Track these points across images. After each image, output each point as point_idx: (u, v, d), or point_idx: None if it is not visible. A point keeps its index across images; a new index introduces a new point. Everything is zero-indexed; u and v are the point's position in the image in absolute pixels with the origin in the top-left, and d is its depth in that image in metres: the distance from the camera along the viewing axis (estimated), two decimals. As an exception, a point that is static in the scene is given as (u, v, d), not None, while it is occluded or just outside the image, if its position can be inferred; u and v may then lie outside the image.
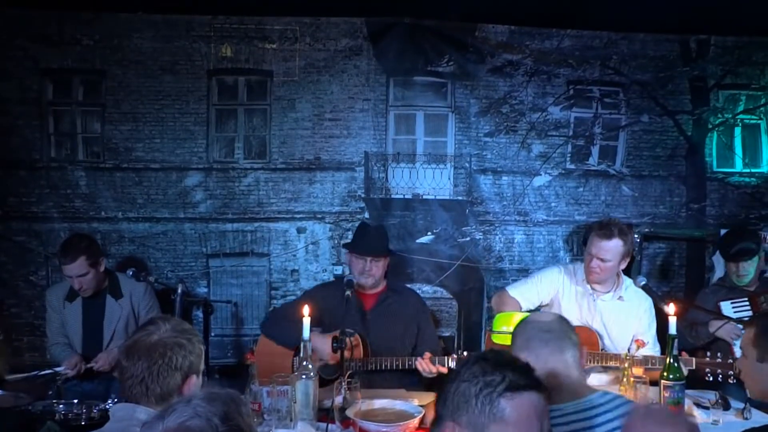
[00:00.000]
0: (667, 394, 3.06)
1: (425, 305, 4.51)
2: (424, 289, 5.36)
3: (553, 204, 5.46)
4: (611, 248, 3.83)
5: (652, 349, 3.91)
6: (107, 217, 5.28)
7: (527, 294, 4.11)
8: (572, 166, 5.49)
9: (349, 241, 4.51)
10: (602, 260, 3.85)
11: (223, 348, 5.31)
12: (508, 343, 3.47)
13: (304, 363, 3.17)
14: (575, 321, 3.95)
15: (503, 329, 3.53)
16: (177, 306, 3.99)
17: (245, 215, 5.33)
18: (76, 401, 3.40)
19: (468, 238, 5.38)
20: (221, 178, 5.33)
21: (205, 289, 5.33)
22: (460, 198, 5.39)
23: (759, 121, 5.63)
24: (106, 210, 5.28)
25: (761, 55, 5.50)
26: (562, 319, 2.48)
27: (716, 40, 5.50)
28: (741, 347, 2.73)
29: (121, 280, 4.51)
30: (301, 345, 3.22)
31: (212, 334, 5.12)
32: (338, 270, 5.27)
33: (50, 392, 3.73)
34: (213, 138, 5.33)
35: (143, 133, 5.27)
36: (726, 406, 3.46)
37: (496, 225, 5.43)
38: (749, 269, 4.48)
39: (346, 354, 3.51)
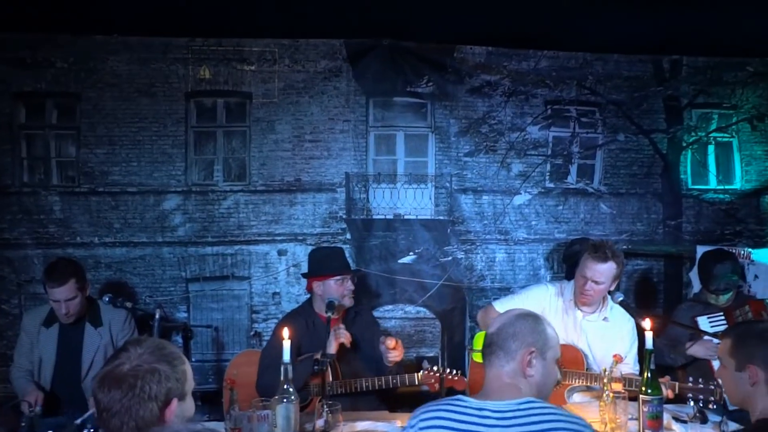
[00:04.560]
0: (645, 409, 3.07)
1: (378, 323, 4.52)
2: (407, 310, 5.36)
3: (533, 222, 5.51)
4: (605, 271, 3.84)
5: (632, 368, 3.93)
6: (83, 243, 5.19)
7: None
8: (551, 185, 5.56)
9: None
10: (596, 283, 3.86)
11: (204, 373, 5.23)
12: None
13: (285, 386, 3.12)
14: (560, 340, 3.96)
15: (484, 347, 3.51)
16: (155, 332, 3.92)
17: (225, 238, 5.29)
18: (50, 432, 3.29)
19: (450, 258, 5.39)
20: (200, 201, 5.28)
21: (185, 314, 5.25)
22: (441, 218, 5.41)
23: (731, 139, 5.77)
24: (81, 235, 5.19)
25: (731, 75, 5.65)
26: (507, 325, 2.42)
27: (688, 60, 5.64)
28: (719, 357, 2.75)
29: (101, 308, 4.41)
30: (282, 368, 3.17)
31: (192, 359, 5.04)
32: (320, 292, 5.24)
33: (23, 424, 3.61)
34: (192, 160, 5.28)
35: (120, 156, 5.21)
36: (704, 420, 3.48)
37: (478, 244, 5.45)
38: (729, 296, 4.55)
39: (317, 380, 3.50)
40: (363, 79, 5.32)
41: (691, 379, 3.61)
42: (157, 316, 3.93)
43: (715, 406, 3.42)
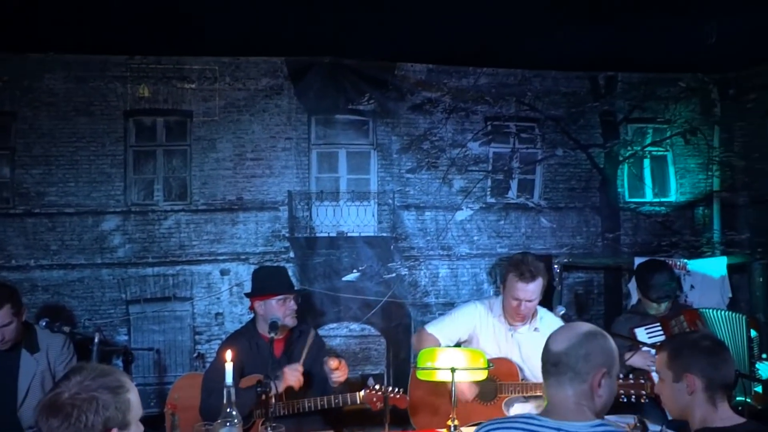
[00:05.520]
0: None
1: (323, 342, 4.50)
2: (352, 327, 5.36)
3: (475, 237, 5.58)
4: (536, 289, 3.93)
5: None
6: (18, 266, 5.05)
7: (445, 331, 4.14)
8: (492, 200, 5.64)
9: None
10: (530, 301, 3.94)
11: (146, 397, 5.12)
12: (432, 378, 3.52)
13: (228, 410, 3.09)
14: (494, 354, 4.03)
15: (428, 365, 3.53)
16: (94, 356, 3.85)
17: (166, 259, 5.22)
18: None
19: (394, 275, 5.42)
20: (140, 221, 5.21)
21: (126, 337, 5.16)
22: (384, 234, 5.44)
23: (666, 153, 5.95)
24: (16, 258, 5.05)
25: (665, 91, 5.83)
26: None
27: (623, 76, 5.81)
28: (657, 371, 2.81)
29: (38, 333, 4.30)
30: (225, 391, 3.13)
31: (134, 383, 4.94)
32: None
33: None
34: (131, 180, 5.21)
35: (56, 176, 5.10)
36: (644, 429, 3.55)
37: (421, 260, 5.50)
38: (667, 303, 4.65)
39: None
40: (304, 96, 5.33)
41: (622, 375, 3.69)
42: (96, 340, 3.87)
43: (647, 400, 3.50)
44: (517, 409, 3.82)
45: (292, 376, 3.79)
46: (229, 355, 3.17)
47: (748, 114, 5.89)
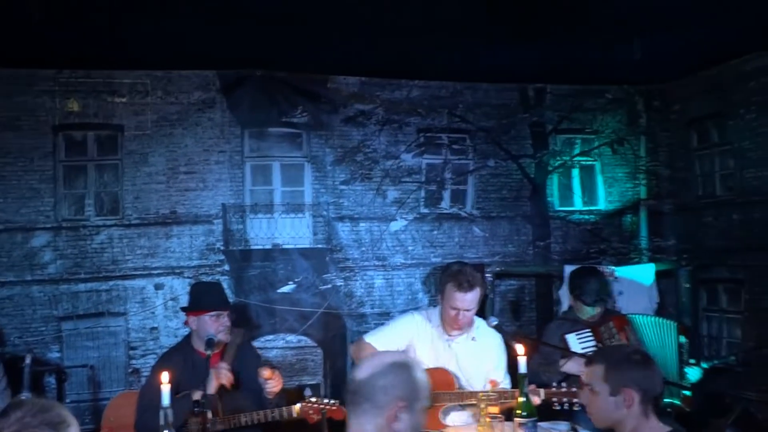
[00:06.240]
0: (521, 431, 3.21)
1: (259, 354, 4.50)
2: (288, 339, 5.36)
3: (409, 248, 5.65)
4: (474, 298, 3.98)
5: (503, 381, 4.07)
6: (-55, 284, 4.95)
7: (383, 340, 4.15)
8: (426, 211, 5.73)
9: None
10: (467, 311, 3.99)
11: (80, 415, 5.04)
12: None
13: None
14: (431, 364, 4.06)
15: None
16: (26, 377, 3.79)
17: (99, 274, 5.16)
18: None
19: (329, 286, 5.45)
20: (71, 236, 5.14)
21: (58, 354, 5.07)
22: (319, 246, 5.47)
23: (594, 162, 6.12)
24: (-57, 276, 4.95)
25: (592, 102, 6.01)
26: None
27: (552, 88, 5.96)
28: (588, 383, 2.82)
29: None
30: (161, 413, 3.11)
31: (67, 400, 4.90)
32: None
33: None
34: (61, 195, 5.15)
35: (-17, 193, 5.01)
36: (576, 436, 3.64)
37: (356, 271, 5.55)
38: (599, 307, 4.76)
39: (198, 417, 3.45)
40: (237, 109, 5.34)
41: (555, 382, 3.77)
42: (27, 362, 3.80)
43: (580, 407, 3.58)
44: (454, 417, 3.85)
45: (221, 374, 3.77)
46: (164, 377, 3.16)
47: (673, 124, 6.12)
